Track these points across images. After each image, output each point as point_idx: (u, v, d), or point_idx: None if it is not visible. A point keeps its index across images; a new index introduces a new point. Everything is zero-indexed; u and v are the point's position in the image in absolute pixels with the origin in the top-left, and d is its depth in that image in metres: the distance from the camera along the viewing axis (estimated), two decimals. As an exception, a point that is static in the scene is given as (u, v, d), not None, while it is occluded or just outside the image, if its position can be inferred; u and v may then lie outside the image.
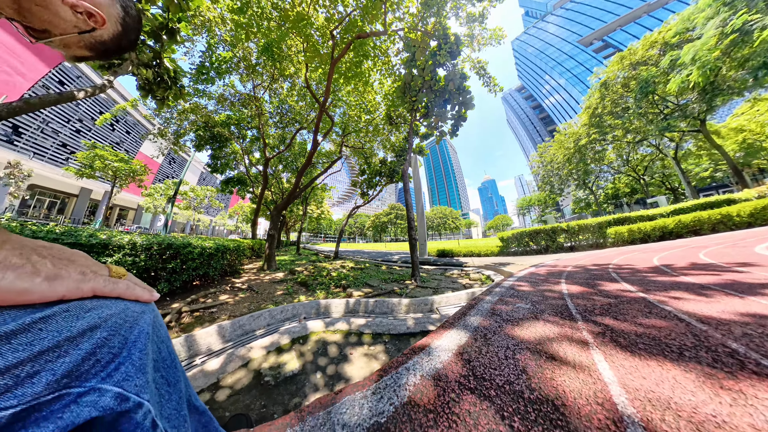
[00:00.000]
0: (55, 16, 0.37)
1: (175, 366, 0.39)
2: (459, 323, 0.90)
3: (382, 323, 1.66)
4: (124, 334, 0.31)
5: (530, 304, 1.20)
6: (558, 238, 7.84)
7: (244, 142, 8.29)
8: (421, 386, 0.45)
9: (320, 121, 4.72)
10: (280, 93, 7.22)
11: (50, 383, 0.23)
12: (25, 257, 0.25)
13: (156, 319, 0.37)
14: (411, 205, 4.04)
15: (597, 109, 20.08)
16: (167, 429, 0.33)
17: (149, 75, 2.98)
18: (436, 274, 4.37)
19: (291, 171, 10.40)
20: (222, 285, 3.20)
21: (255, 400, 0.95)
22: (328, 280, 3.59)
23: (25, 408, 0.22)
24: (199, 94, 6.35)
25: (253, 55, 5.88)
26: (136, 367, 0.30)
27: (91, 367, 0.27)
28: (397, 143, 7.59)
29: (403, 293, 2.80)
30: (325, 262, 6.02)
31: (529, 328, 0.86)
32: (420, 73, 4.26)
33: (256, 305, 2.31)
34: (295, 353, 1.31)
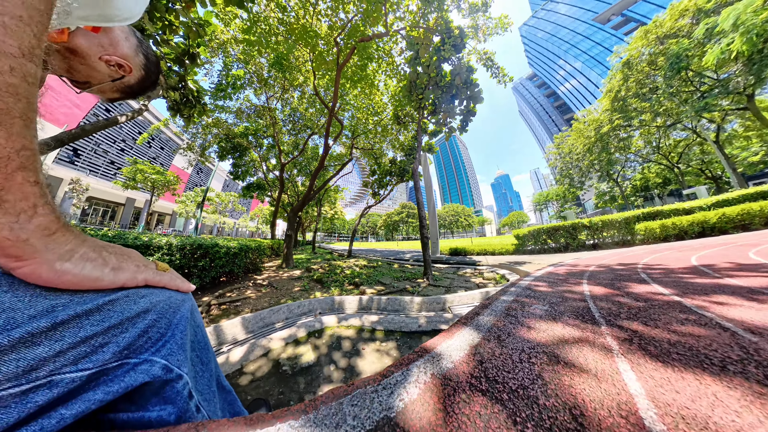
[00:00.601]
0: (94, 70, 0.46)
1: (207, 348, 0.43)
2: (472, 323, 0.85)
3: (394, 320, 1.65)
4: (168, 317, 0.35)
5: (548, 306, 1.10)
6: (579, 236, 7.16)
7: (261, 150, 8.69)
8: (431, 384, 0.44)
9: (330, 125, 4.79)
10: (291, 102, 7.48)
11: (115, 353, 0.28)
12: (97, 252, 0.30)
13: (193, 307, 0.41)
14: (422, 204, 3.96)
15: (620, 92, 17.73)
16: (200, 401, 0.37)
17: (177, 96, 3.27)
18: (448, 272, 4.26)
19: (305, 175, 10.72)
20: (245, 281, 3.39)
21: (273, 387, 1.01)
22: (342, 277, 3.65)
23: (97, 371, 0.27)
24: (220, 109, 6.91)
25: (264, 69, 6.18)
26: (178, 345, 0.35)
27: (144, 343, 0.32)
28: (406, 142, 7.50)
29: (415, 291, 2.77)
30: (339, 261, 6.13)
31: (547, 331, 0.79)
32: (425, 70, 4.14)
33: (275, 300, 2.41)
34: (310, 346, 1.35)
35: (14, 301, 0.23)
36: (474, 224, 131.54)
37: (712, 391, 0.46)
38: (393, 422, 0.34)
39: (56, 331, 0.24)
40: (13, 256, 0.22)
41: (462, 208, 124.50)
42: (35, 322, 0.23)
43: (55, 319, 0.24)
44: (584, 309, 1.04)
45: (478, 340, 0.71)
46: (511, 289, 1.53)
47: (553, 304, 1.14)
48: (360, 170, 48.72)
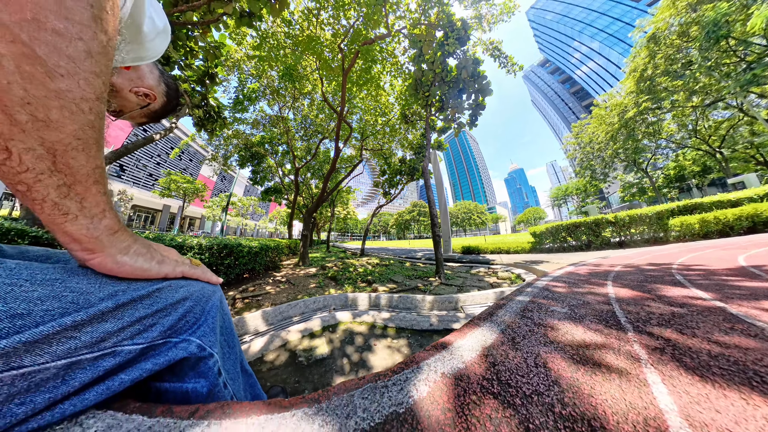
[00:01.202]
0: (126, 101, 0.53)
1: (233, 334, 0.47)
2: (485, 323, 0.81)
3: (405, 318, 1.64)
4: (202, 305, 0.40)
5: (567, 308, 1.00)
6: (603, 232, 6.48)
7: (277, 157, 9.06)
8: (441, 383, 0.43)
9: (340, 129, 4.86)
10: (302, 110, 7.73)
11: (161, 332, 0.33)
12: (146, 248, 0.34)
13: (221, 297, 0.45)
14: (433, 202, 3.86)
15: (646, 71, 15.33)
16: (227, 379, 0.41)
17: (200, 113, 3.58)
18: (461, 271, 4.13)
19: (318, 177, 11.00)
20: (265, 278, 3.56)
21: (290, 376, 1.05)
22: (355, 275, 3.70)
23: (147, 346, 0.32)
24: (238, 121, 7.32)
25: (275, 81, 6.44)
26: (210, 328, 0.39)
27: (183, 325, 0.36)
28: (414, 141, 7.38)
29: (427, 290, 2.72)
30: (352, 259, 6.22)
31: (566, 335, 0.72)
32: (430, 67, 4.02)
33: (293, 295, 2.50)
34: (325, 339, 1.39)
35: (88, 286, 0.28)
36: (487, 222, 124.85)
37: (762, 414, 0.39)
38: (402, 418, 0.33)
39: (118, 312, 0.29)
40: (89, 249, 0.28)
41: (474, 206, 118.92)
42: (103, 303, 0.28)
43: (118, 301, 0.29)
44: (608, 313, 0.94)
45: (491, 342, 0.67)
46: (527, 290, 1.42)
47: (573, 306, 1.04)
48: (370, 171, 49.50)
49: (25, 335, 0.23)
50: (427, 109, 4.49)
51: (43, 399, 0.24)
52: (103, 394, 0.28)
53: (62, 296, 0.26)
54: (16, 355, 0.22)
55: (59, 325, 0.25)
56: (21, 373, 0.22)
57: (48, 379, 0.24)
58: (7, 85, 0.20)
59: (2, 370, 0.22)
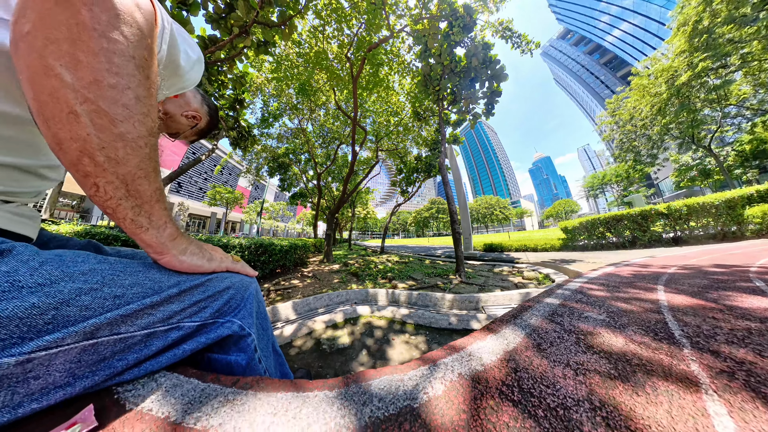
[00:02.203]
0: (179, 124, 0.65)
1: (266, 319, 0.54)
2: (508, 326, 0.73)
3: (424, 315, 1.62)
4: (242, 293, 0.46)
5: (605, 315, 0.85)
6: (652, 226, 5.33)
7: (300, 165, 9.66)
8: (457, 384, 0.41)
9: (355, 133, 4.97)
10: (318, 120, 8.14)
11: (211, 314, 0.40)
12: (199, 249, 0.41)
13: (257, 288, 0.52)
14: (452, 198, 3.69)
15: (700, 23, 11.81)
16: (261, 356, 0.47)
17: (234, 134, 4.10)
18: (482, 270, 3.89)
19: (338, 181, 11.43)
20: (294, 273, 3.83)
21: (314, 361, 1.13)
22: (376, 272, 3.76)
23: (201, 324, 0.39)
24: (265, 137, 8.09)
25: (293, 97, 6.96)
26: (248, 312, 0.46)
27: (228, 309, 0.43)
28: (429, 137, 7.16)
29: (446, 288, 2.63)
30: (373, 256, 6.32)
31: (602, 345, 0.62)
32: (437, 61, 3.81)
33: (318, 289, 2.65)
34: (346, 330, 1.45)
35: (161, 277, 0.36)
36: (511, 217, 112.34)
37: None
38: (415, 412, 0.33)
39: (181, 296, 0.37)
40: (158, 252, 0.35)
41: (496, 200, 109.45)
42: (171, 289, 0.36)
43: (180, 288, 0.37)
44: (658, 323, 0.77)
45: (514, 346, 0.60)
46: (557, 291, 1.24)
47: (613, 313, 0.87)
48: (387, 171, 49.29)
49: (121, 310, 0.30)
50: (439, 104, 4.29)
51: (132, 358, 0.32)
52: (171, 358, 0.35)
53: (143, 283, 0.33)
54: (116, 324, 0.30)
55: (142, 304, 0.32)
56: (119, 338, 0.30)
57: (135, 344, 0.32)
58: (87, 136, 0.24)
59: (109, 335, 0.29)
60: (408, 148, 8.20)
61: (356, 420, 0.31)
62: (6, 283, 0.25)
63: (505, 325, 0.72)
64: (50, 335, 0.26)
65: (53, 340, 0.26)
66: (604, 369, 0.50)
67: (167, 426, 0.27)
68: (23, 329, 0.24)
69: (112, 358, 0.30)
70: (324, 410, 0.32)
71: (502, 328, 0.71)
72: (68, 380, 0.27)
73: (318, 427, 0.29)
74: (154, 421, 0.28)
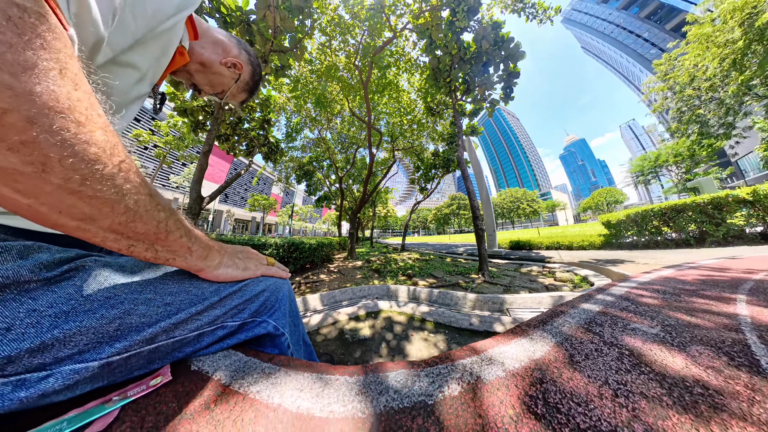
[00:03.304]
0: (222, 77, 0.56)
1: (298, 316, 0.58)
2: (536, 331, 0.65)
3: (444, 314, 1.58)
4: (276, 295, 0.49)
5: (659, 327, 0.69)
6: (729, 218, 4.04)
7: (323, 170, 10.31)
8: (475, 387, 0.38)
9: (370, 136, 5.06)
10: (336, 128, 8.57)
11: (249, 314, 0.44)
12: (232, 260, 0.43)
13: (290, 288, 0.55)
14: (473, 193, 3.46)
15: None
16: (293, 350, 0.51)
17: (265, 149, 4.65)
18: (508, 269, 3.57)
19: (359, 183, 11.79)
20: (322, 268, 4.09)
21: (337, 349, 1.21)
22: (396, 268, 3.77)
23: (241, 323, 0.43)
24: (291, 149, 8.97)
25: (311, 111, 7.58)
26: (282, 313, 0.49)
27: (264, 310, 0.46)
28: (444, 131, 6.83)
29: (468, 287, 2.50)
30: (394, 254, 6.34)
31: (653, 365, 0.50)
32: (444, 51, 3.56)
33: (342, 283, 2.79)
34: (368, 323, 1.51)
35: (203, 285, 0.39)
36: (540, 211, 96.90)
37: None
38: (429, 409, 0.33)
39: (222, 301, 0.40)
40: (195, 270, 0.37)
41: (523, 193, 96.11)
42: (213, 297, 0.39)
43: (221, 295, 0.40)
44: (736, 345, 0.59)
45: (541, 354, 0.53)
46: (597, 296, 1.04)
47: (671, 326, 0.69)
48: (405, 169, 48.64)
49: (173, 319, 0.34)
50: (452, 95, 4.02)
51: (189, 350, 0.37)
52: (219, 350, 0.42)
53: (189, 291, 0.37)
54: (170, 330, 0.34)
55: (189, 313, 0.36)
56: (175, 340, 0.35)
57: (189, 342, 0.37)
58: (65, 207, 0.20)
59: (166, 339, 0.33)
60: (424, 144, 8.00)
61: (372, 407, 0.32)
62: (81, 297, 0.28)
63: (532, 331, 0.64)
64: (120, 343, 0.29)
65: (122, 347, 0.29)
66: (654, 393, 0.40)
67: (218, 386, 0.33)
68: (99, 337, 0.27)
69: (174, 352, 0.35)
70: (344, 393, 0.34)
71: (529, 333, 0.63)
72: (146, 367, 0.33)
73: (337, 406, 0.32)
74: (209, 380, 0.34)
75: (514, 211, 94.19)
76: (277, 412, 0.30)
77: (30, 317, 0.25)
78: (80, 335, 0.27)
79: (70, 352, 0.26)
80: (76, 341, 0.26)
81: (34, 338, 0.24)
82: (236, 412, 0.29)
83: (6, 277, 0.25)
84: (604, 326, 0.69)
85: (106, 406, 0.27)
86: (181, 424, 0.27)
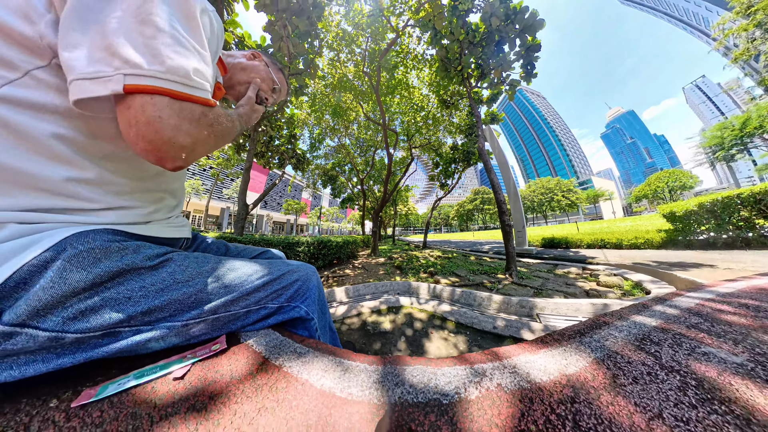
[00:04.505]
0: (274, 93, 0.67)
1: (325, 304, 0.62)
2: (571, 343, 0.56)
3: (466, 314, 1.52)
4: (307, 284, 0.55)
5: (746, 355, 0.49)
6: None
7: (345, 174, 10.85)
8: (494, 395, 0.35)
9: (387, 137, 5.09)
10: (353, 134, 8.90)
11: (285, 299, 0.50)
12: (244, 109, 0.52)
13: (318, 279, 0.60)
14: (498, 186, 3.14)
15: None
16: (320, 334, 0.56)
17: (294, 161, 5.18)
18: (540, 270, 3.22)
19: (379, 183, 12.05)
20: (347, 264, 4.30)
21: (359, 338, 1.28)
22: (418, 266, 3.72)
23: (278, 306, 0.49)
24: (315, 158, 9.83)
25: (329, 121, 8.11)
26: (312, 300, 0.54)
27: (297, 296, 0.52)
28: (462, 123, 6.40)
29: (494, 288, 2.32)
30: (416, 251, 6.25)
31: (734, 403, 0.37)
32: (451, 39, 3.29)
33: (366, 278, 2.90)
34: (388, 318, 1.55)
35: (252, 271, 0.47)
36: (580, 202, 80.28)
37: None
38: (443, 408, 0.32)
39: (264, 287, 0.47)
40: None
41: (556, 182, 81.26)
42: (257, 281, 0.46)
43: (263, 281, 0.47)
44: None
45: (575, 370, 0.44)
46: (655, 308, 0.80)
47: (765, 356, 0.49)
48: (423, 166, 47.72)
49: (229, 296, 0.42)
50: (466, 84, 3.69)
51: (239, 324, 0.44)
52: (261, 328, 0.48)
53: (242, 278, 0.45)
54: (228, 305, 0.42)
55: (241, 293, 0.43)
56: (231, 313, 0.42)
57: (240, 317, 0.44)
58: None
59: (225, 312, 0.41)
60: (441, 139, 7.66)
61: (387, 396, 0.33)
62: (170, 279, 0.38)
63: (566, 341, 0.54)
64: (194, 311, 0.38)
65: (196, 314, 0.38)
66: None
67: (260, 357, 0.39)
68: (181, 306, 0.37)
69: (229, 324, 0.43)
70: (362, 379, 0.36)
71: (563, 344, 0.53)
72: (210, 333, 0.41)
73: (356, 390, 0.33)
74: (253, 353, 0.40)
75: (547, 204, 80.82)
76: (304, 386, 0.33)
77: (141, 291, 0.35)
78: (170, 304, 0.37)
79: (164, 314, 0.36)
80: (168, 308, 0.36)
81: (144, 304, 0.35)
82: (272, 380, 0.34)
83: (128, 265, 0.35)
84: (662, 346, 0.53)
85: (183, 360, 0.36)
86: (232, 383, 0.33)
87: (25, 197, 0.31)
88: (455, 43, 3.33)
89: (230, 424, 0.28)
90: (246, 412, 0.29)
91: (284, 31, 2.36)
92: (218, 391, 0.32)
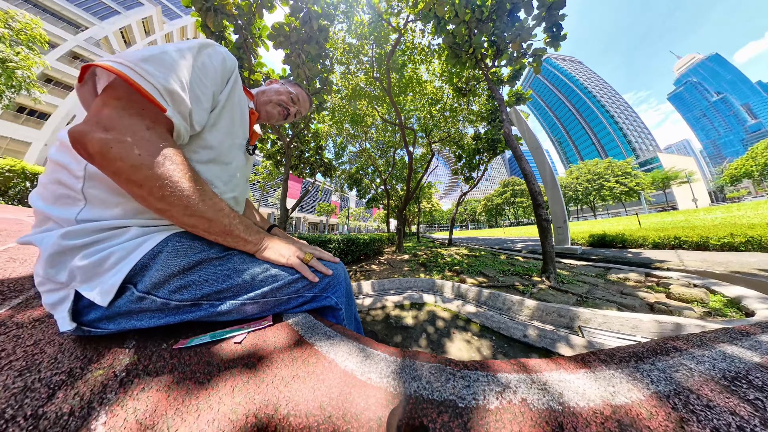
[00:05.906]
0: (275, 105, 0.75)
1: (351, 296, 0.65)
2: (623, 368, 0.41)
3: (493, 318, 1.38)
4: (337, 278, 0.59)
5: None
6: None
7: (369, 176, 11.31)
8: (517, 409, 0.31)
9: (405, 136, 5.02)
10: (372, 137, 9.15)
11: (318, 290, 0.55)
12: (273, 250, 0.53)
13: (346, 273, 0.64)
14: (531, 175, 2.64)
15: None
16: (346, 323, 0.60)
17: (323, 169, 5.98)
18: (587, 274, 2.66)
19: (401, 182, 12.10)
20: (373, 260, 4.44)
21: (382, 330, 1.31)
22: (443, 264, 3.57)
23: (312, 296, 0.54)
24: (341, 164, 10.44)
25: (350, 129, 8.58)
26: (341, 292, 0.59)
27: (328, 287, 0.56)
28: (482, 109, 5.72)
29: (527, 292, 2.02)
30: (440, 248, 6.02)
31: None
32: (456, 22, 2.91)
33: (391, 274, 2.94)
34: (411, 313, 1.55)
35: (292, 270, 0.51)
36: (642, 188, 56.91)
37: None
38: (458, 411, 0.30)
39: (302, 278, 0.52)
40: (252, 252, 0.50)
41: (607, 164, 58.24)
42: (297, 274, 0.51)
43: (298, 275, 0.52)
44: None
45: (625, 401, 0.33)
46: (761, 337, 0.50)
47: None
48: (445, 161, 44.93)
49: (276, 284, 0.49)
50: (481, 66, 3.22)
51: (282, 308, 0.51)
52: (299, 313, 0.54)
53: (286, 271, 0.51)
54: (274, 292, 0.48)
55: (284, 282, 0.49)
56: (276, 299, 0.49)
57: (283, 302, 0.50)
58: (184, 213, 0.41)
59: (272, 297, 0.48)
60: (461, 130, 7.11)
61: (403, 388, 0.33)
62: (234, 268, 0.46)
63: (616, 364, 0.41)
64: (250, 293, 0.46)
65: (252, 296, 0.46)
66: None
67: (297, 335, 0.44)
68: (241, 289, 0.45)
69: (274, 307, 0.50)
70: (382, 368, 0.36)
71: (611, 366, 0.41)
72: (261, 312, 0.49)
73: (374, 376, 0.35)
74: (292, 331, 0.46)
75: (595, 193, 58.79)
76: (331, 365, 0.37)
77: (214, 276, 0.44)
78: (233, 287, 0.45)
79: (229, 294, 0.45)
80: (231, 290, 0.45)
81: (216, 286, 0.44)
82: (305, 355, 0.39)
83: (206, 256, 0.45)
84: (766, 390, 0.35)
85: (242, 329, 0.45)
86: (275, 352, 0.40)
87: (142, 215, 0.43)
88: (461, 25, 2.93)
89: (271, 382, 0.33)
90: (283, 376, 0.35)
91: (299, 59, 2.59)
92: (264, 357, 0.38)
